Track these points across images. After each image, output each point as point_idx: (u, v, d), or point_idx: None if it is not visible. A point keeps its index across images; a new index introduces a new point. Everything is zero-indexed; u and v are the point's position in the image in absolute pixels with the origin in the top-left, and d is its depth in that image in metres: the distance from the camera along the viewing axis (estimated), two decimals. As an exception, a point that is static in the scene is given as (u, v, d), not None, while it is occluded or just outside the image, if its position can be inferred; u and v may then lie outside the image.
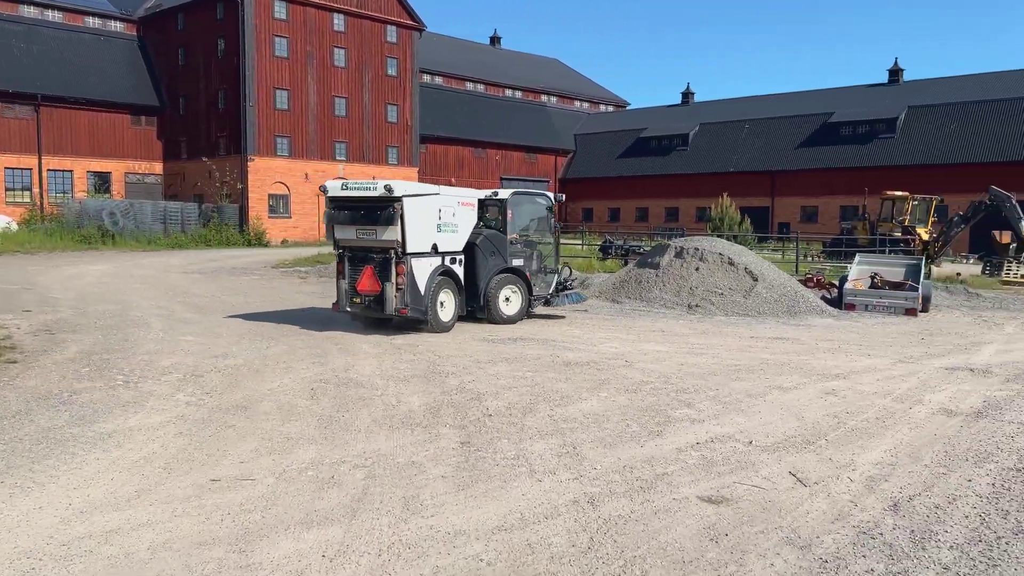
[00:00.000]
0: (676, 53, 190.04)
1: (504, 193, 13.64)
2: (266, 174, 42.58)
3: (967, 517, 5.18)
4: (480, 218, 13.36)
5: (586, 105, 69.03)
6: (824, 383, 9.27)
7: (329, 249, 32.65)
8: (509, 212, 13.43)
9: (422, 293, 11.82)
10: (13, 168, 40.55)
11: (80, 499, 5.07)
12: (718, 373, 9.67)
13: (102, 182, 43.28)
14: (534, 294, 13.75)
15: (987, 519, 5.16)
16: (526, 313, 13.74)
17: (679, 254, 17.22)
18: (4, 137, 39.99)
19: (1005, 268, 28.15)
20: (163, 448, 6.17)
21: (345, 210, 11.88)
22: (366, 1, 45.68)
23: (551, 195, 14.36)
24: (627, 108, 71.30)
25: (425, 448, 6.35)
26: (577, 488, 5.51)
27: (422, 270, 11.85)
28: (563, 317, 14.47)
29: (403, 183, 11.97)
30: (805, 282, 19.79)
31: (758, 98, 55.96)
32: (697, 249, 17.05)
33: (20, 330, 11.39)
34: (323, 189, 12.08)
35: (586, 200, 59.27)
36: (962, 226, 28.68)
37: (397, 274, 11.60)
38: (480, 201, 13.34)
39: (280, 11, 42.28)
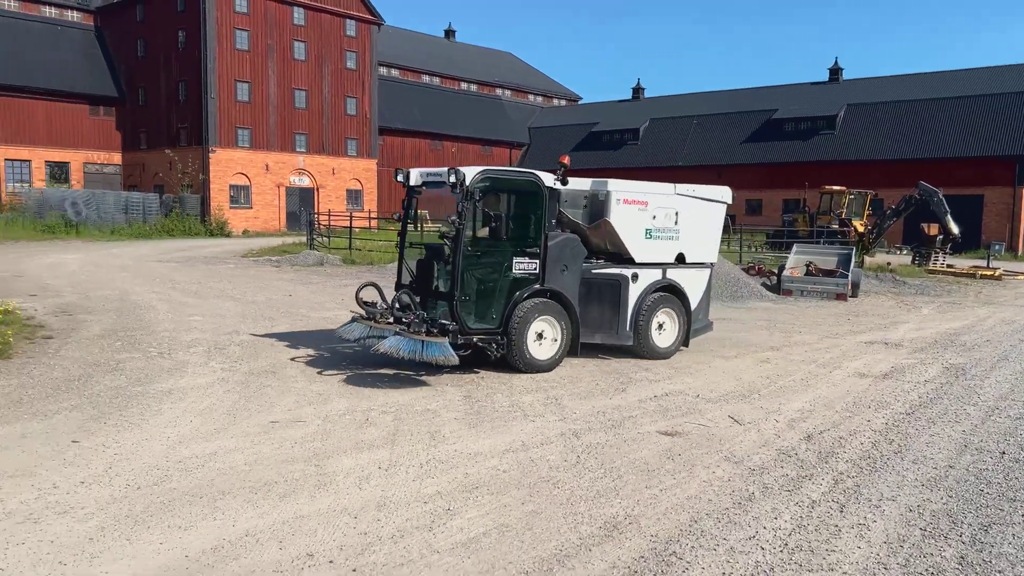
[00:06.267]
0: (626, 49, 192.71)
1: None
2: (227, 165, 43.19)
3: (862, 444, 6.77)
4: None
5: (539, 99, 70.58)
6: (760, 353, 10.91)
7: (293, 240, 33.79)
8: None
9: None
10: (-29, 158, 40.56)
11: (174, 434, 6.34)
12: (671, 345, 11.22)
13: (60, 172, 43.43)
14: None
15: (877, 445, 6.75)
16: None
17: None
18: (-38, 126, 39.98)
19: (932, 258, 30.59)
20: (219, 401, 7.44)
21: None
22: (326, -5, 46.47)
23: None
24: (580, 102, 73.02)
25: (436, 400, 7.74)
26: (562, 426, 6.96)
27: None
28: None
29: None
30: (747, 270, 21.59)
31: (705, 94, 58.01)
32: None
33: (39, 312, 12.39)
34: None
35: (541, 192, 60.71)
36: (894, 219, 30.94)
37: None
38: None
39: (241, 4, 42.84)
